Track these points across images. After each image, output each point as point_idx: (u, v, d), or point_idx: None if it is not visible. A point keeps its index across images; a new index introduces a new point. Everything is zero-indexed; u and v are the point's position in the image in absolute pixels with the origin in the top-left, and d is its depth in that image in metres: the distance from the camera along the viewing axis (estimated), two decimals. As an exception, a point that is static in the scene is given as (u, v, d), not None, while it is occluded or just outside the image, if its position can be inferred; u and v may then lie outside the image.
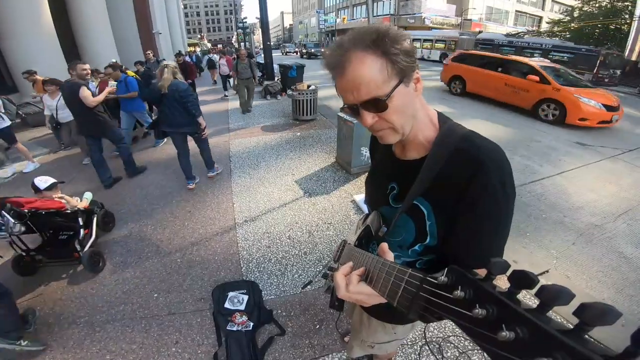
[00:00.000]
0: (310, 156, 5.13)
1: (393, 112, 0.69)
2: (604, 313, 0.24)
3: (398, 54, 0.65)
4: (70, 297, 2.43)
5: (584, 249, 3.04)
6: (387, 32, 0.66)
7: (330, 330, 2.07)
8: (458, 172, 0.70)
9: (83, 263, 2.57)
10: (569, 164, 5.02)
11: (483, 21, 41.01)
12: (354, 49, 0.65)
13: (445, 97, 10.11)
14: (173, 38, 25.16)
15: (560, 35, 24.48)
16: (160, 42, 20.39)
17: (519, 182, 4.29)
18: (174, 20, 26.81)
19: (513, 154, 5.32)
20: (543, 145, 5.87)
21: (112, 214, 3.36)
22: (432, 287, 0.38)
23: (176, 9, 28.55)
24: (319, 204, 3.68)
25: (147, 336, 2.08)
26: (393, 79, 0.66)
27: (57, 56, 8.35)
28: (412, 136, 0.77)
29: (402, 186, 0.84)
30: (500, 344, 0.27)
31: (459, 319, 0.33)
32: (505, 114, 8.12)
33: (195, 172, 4.28)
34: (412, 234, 0.80)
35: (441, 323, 2.13)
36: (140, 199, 3.91)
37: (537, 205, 3.76)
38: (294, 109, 7.17)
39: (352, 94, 0.68)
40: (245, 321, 2.03)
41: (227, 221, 3.39)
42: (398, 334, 1.10)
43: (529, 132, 6.67)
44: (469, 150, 0.71)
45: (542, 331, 0.25)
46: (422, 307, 0.40)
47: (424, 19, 37.38)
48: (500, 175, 0.68)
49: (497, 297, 0.30)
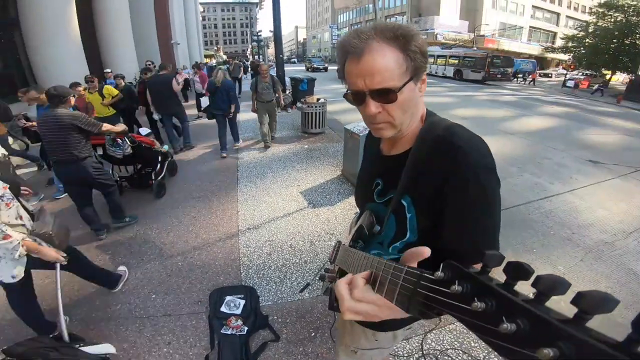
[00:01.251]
0: (316, 168, 5.17)
1: (399, 105, 0.71)
2: (601, 300, 0.24)
3: (416, 52, 0.68)
4: (69, 294, 2.47)
5: (592, 266, 2.97)
6: (409, 29, 0.69)
7: (325, 338, 2.05)
8: (437, 161, 0.71)
9: (153, 189, 4.09)
10: (580, 181, 4.92)
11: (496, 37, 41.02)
12: (377, 38, 0.68)
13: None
14: (190, 49, 25.93)
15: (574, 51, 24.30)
16: (178, 52, 21.03)
17: (526, 199, 4.23)
18: (192, 32, 27.70)
19: (522, 171, 5.26)
20: (554, 162, 5.78)
21: (176, 164, 4.97)
22: (430, 283, 0.38)
23: (195, 20, 29.51)
24: (323, 215, 3.69)
25: (140, 336, 2.10)
26: (407, 74, 0.69)
27: (81, 63, 8.70)
28: (405, 131, 0.79)
29: (386, 181, 0.85)
30: (503, 336, 0.27)
31: (459, 313, 0.33)
32: (513, 130, 8.05)
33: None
34: (392, 229, 0.80)
35: (439, 336, 2.10)
36: (149, 203, 4.01)
37: (545, 222, 3.69)
38: (303, 122, 7.26)
39: (364, 81, 0.69)
40: (240, 325, 2.04)
41: (231, 228, 3.43)
42: (380, 341, 1.07)
43: (539, 149, 6.58)
44: (446, 138, 0.72)
45: (542, 321, 0.25)
46: (421, 304, 0.40)
47: (436, 34, 37.66)
48: (480, 160, 0.69)
49: (494, 289, 0.30)
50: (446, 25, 38.41)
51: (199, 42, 31.65)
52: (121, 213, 3.40)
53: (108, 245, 3.11)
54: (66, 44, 8.16)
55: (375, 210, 0.88)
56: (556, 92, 20.12)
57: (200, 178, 4.84)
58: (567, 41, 25.45)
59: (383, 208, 0.84)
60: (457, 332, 2.13)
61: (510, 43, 41.17)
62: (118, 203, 3.35)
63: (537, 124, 9.04)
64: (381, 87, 0.68)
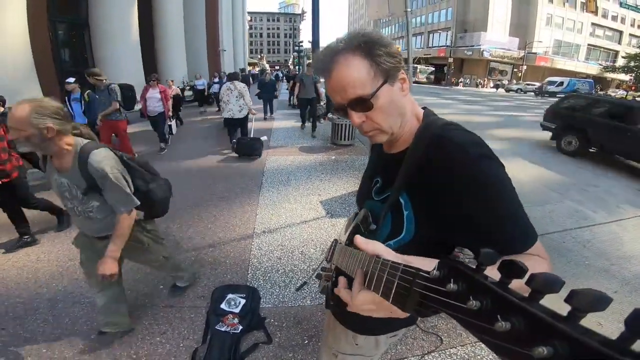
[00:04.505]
0: (340, 179, 5.19)
1: (379, 110, 0.72)
2: (594, 298, 0.24)
3: (382, 55, 0.70)
4: (85, 278, 2.65)
5: (626, 298, 2.70)
6: (370, 35, 0.72)
7: (317, 348, 2.03)
8: (435, 158, 0.71)
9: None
10: (628, 212, 4.48)
11: (549, 54, 38.83)
12: (341, 51, 0.71)
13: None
14: (236, 56, 27.29)
15: (637, 71, 22.37)
16: (224, 58, 22.19)
17: (563, 227, 3.92)
18: (239, 40, 29.17)
19: (564, 197, 4.88)
20: (601, 190, 5.32)
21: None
22: (425, 282, 0.38)
23: (242, 29, 31.07)
24: (339, 226, 3.68)
25: (138, 323, 2.18)
26: (378, 79, 0.70)
27: (137, 63, 9.53)
28: (400, 133, 0.80)
29: (384, 179, 0.86)
30: (498, 335, 0.27)
31: (455, 312, 0.33)
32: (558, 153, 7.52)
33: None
34: (388, 227, 0.81)
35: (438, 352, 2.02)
36: (176, 198, 4.22)
37: (580, 252, 3.41)
38: (333, 133, 7.34)
39: (340, 95, 0.73)
40: (235, 324, 2.08)
41: (247, 230, 3.53)
42: (360, 346, 1.03)
43: (586, 175, 6.10)
44: (442, 135, 0.72)
45: (537, 319, 0.25)
46: (417, 302, 0.40)
47: (482, 51, 36.44)
48: (477, 151, 0.68)
49: (489, 287, 0.30)
50: (493, 41, 37.02)
51: (244, 50, 33.21)
52: None
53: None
54: (125, 43, 9.01)
55: (372, 208, 0.88)
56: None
57: (227, 179, 5.06)
58: (630, 60, 23.49)
59: (380, 206, 0.84)
60: (459, 356, 2.02)
61: (565, 62, 38.80)
62: None
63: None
64: (354, 97, 0.71)
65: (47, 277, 2.65)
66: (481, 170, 0.67)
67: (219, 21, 20.81)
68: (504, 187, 0.68)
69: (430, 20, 45.63)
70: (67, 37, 9.12)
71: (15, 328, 2.11)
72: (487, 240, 0.66)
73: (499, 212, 0.67)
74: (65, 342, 2.02)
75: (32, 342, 2.01)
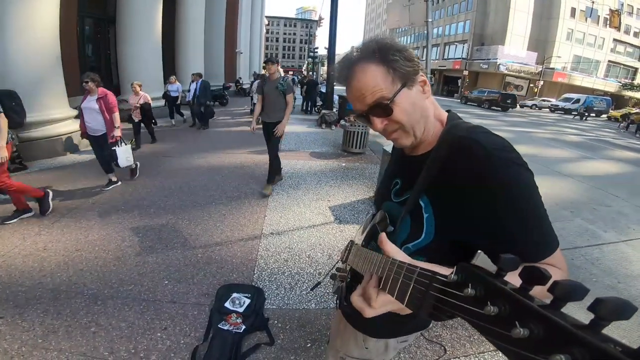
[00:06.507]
0: (350, 187, 5.18)
1: (400, 114, 0.73)
2: (619, 307, 0.24)
3: (398, 60, 0.71)
4: (90, 269, 2.67)
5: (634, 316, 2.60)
6: (383, 41, 0.73)
7: (320, 352, 2.02)
8: (460, 161, 0.70)
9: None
10: (638, 232, 4.36)
11: (567, 71, 38.23)
12: (356, 61, 0.73)
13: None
14: (251, 59, 27.63)
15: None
16: (240, 60, 22.47)
17: (573, 244, 3.84)
18: (255, 43, 29.57)
19: (575, 216, 4.78)
20: (612, 210, 5.18)
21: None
22: (442, 286, 0.38)
23: (259, 33, 31.50)
24: (347, 232, 3.68)
25: (140, 317, 2.18)
26: (396, 83, 0.71)
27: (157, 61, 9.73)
28: (424, 136, 0.79)
29: (404, 180, 0.86)
30: (515, 342, 0.27)
31: (471, 317, 0.32)
32: (571, 172, 7.37)
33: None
34: (406, 230, 0.80)
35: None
36: (187, 195, 4.34)
37: (588, 269, 3.34)
38: (344, 140, 7.35)
39: (360, 102, 0.74)
40: (238, 323, 2.08)
41: (255, 230, 3.55)
42: (370, 350, 1.02)
43: (598, 195, 5.96)
44: (468, 138, 0.71)
45: (557, 327, 0.25)
46: (432, 306, 0.39)
47: (498, 65, 36.10)
48: (506, 156, 0.67)
49: (509, 293, 0.29)
50: (511, 55, 36.60)
51: (260, 54, 33.63)
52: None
53: (140, 229, 3.37)
54: (148, 41, 9.17)
55: (390, 210, 0.88)
56: (629, 135, 18.11)
57: (238, 180, 5.12)
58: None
59: (398, 208, 0.84)
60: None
61: (583, 78, 38.15)
62: None
63: (601, 168, 8.17)
64: (373, 103, 0.72)
65: (52, 266, 2.67)
66: (511, 176, 0.66)
67: (238, 22, 21.06)
68: (531, 194, 0.67)
69: (447, 32, 45.46)
70: (92, 33, 9.39)
71: (14, 317, 2.09)
72: (510, 245, 0.66)
73: (525, 218, 0.66)
74: (63, 334, 1.99)
75: (29, 332, 1.98)
